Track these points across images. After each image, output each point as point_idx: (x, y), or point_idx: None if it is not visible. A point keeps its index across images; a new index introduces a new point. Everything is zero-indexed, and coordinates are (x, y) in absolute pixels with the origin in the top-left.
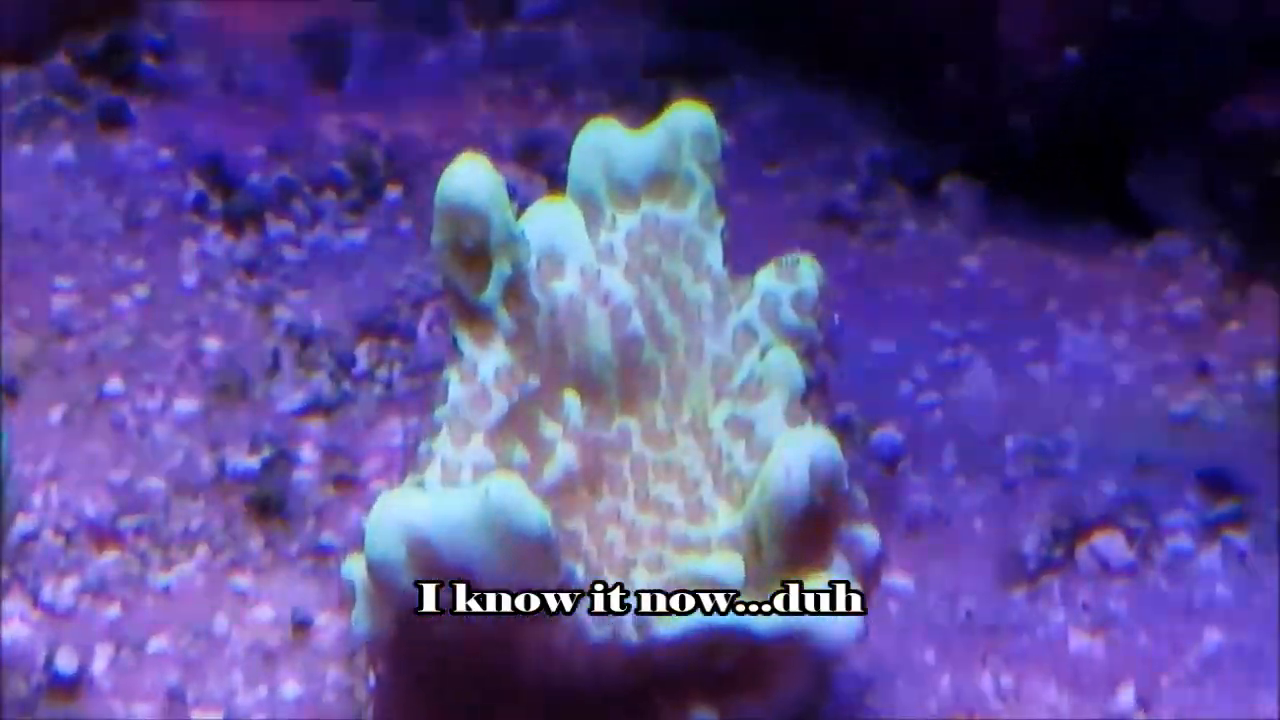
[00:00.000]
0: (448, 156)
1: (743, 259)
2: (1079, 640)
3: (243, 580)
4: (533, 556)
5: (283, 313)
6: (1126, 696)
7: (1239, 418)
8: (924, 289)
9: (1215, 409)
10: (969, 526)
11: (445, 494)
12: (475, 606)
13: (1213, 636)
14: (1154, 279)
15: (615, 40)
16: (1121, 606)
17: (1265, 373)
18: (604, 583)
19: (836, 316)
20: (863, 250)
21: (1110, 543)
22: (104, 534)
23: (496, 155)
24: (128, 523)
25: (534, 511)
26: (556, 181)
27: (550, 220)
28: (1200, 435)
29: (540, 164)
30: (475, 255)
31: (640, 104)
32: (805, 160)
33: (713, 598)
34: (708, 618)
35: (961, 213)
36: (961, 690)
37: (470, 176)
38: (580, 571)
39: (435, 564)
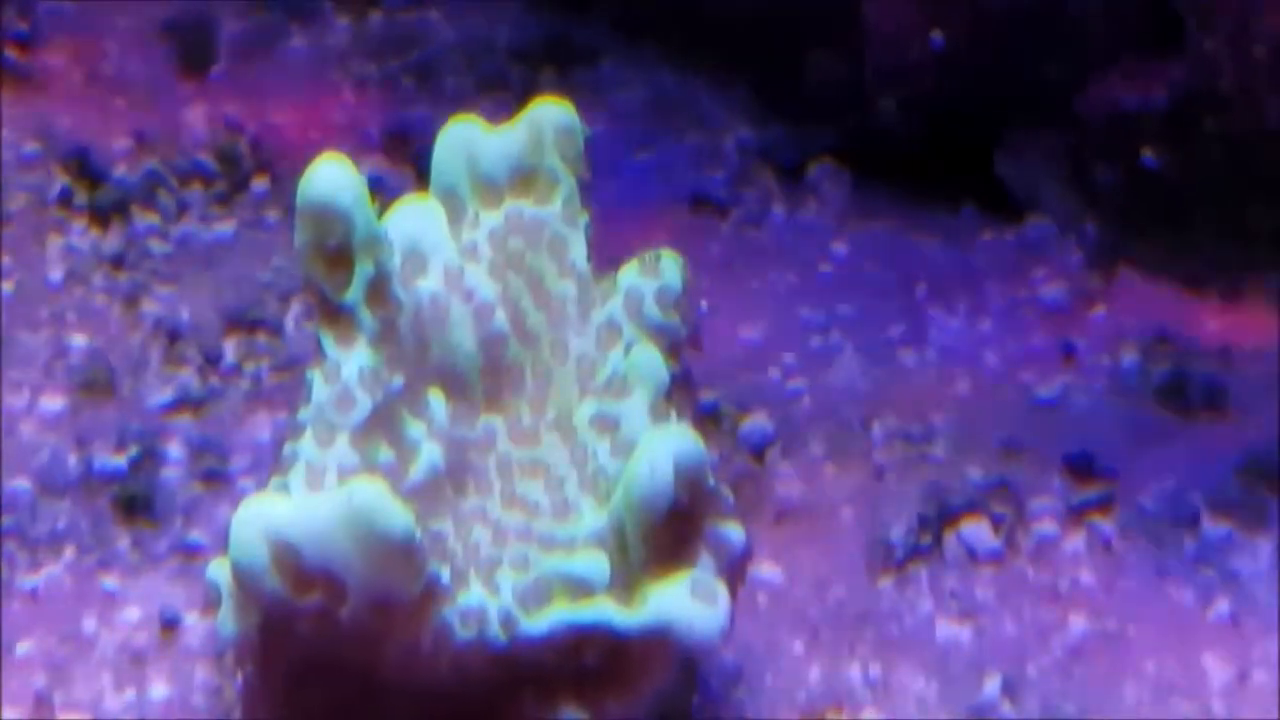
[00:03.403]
0: (314, 147)
1: (612, 246)
2: (946, 628)
3: (111, 581)
4: (397, 559)
5: (150, 307)
6: (993, 684)
7: (1104, 402)
8: (792, 275)
9: (1081, 393)
10: (837, 515)
11: (309, 497)
12: (340, 609)
13: (1078, 623)
14: (1020, 263)
15: (481, 26)
16: (988, 594)
17: (1130, 356)
18: (469, 583)
19: (704, 303)
20: (731, 235)
21: (977, 530)
22: None
23: (363, 144)
24: None
25: (398, 515)
26: (424, 170)
27: (413, 218)
28: (1066, 420)
29: (407, 152)
30: (338, 255)
31: (508, 90)
32: (673, 145)
33: (578, 596)
34: (573, 616)
35: (830, 198)
36: (830, 681)
37: (332, 176)
38: (445, 573)
39: (299, 568)
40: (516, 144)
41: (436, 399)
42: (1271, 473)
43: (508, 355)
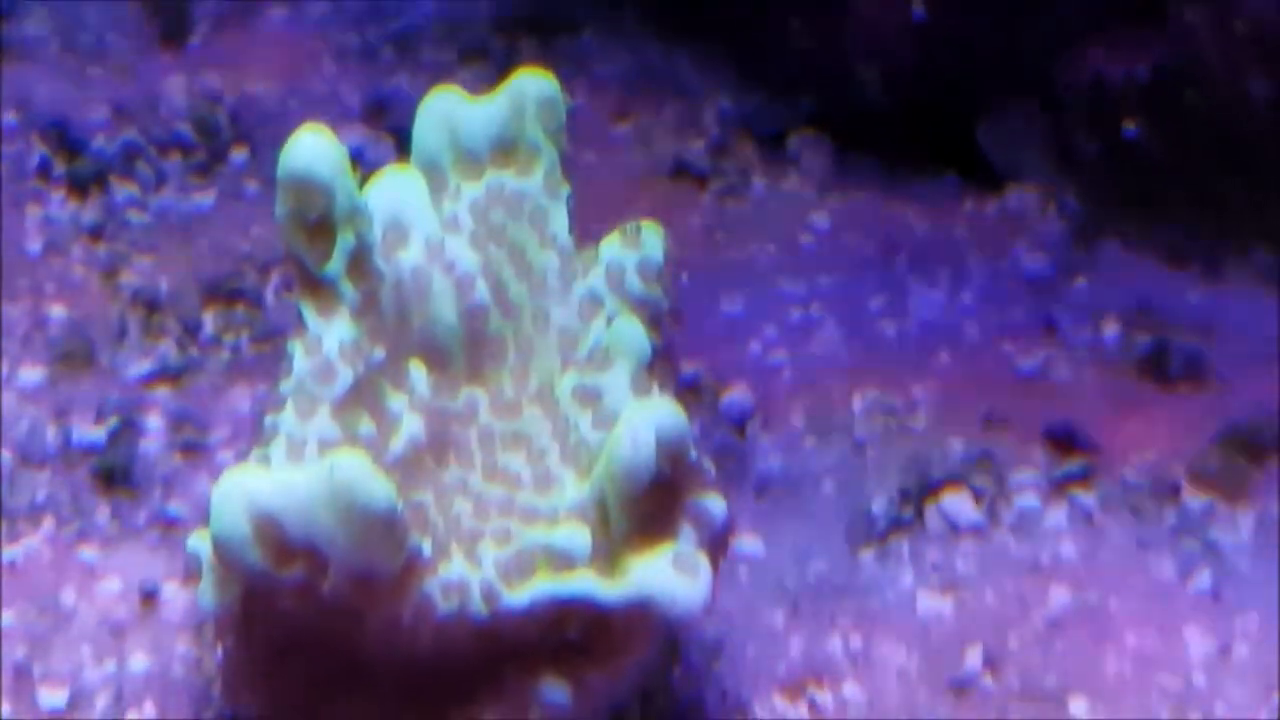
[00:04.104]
0: (294, 117)
1: (592, 216)
2: (927, 601)
3: (90, 552)
4: (379, 532)
5: (129, 278)
6: (974, 657)
7: (1086, 373)
8: (773, 246)
9: (1062, 365)
10: (818, 487)
11: (290, 470)
12: (321, 582)
13: (1060, 595)
14: (1002, 234)
15: None
16: (969, 566)
17: (1111, 328)
18: (451, 555)
19: (684, 275)
20: (712, 206)
21: (958, 502)
22: None
23: (343, 114)
24: None
25: (379, 487)
26: (403, 141)
27: (394, 190)
28: (1047, 391)
29: (387, 123)
30: (319, 226)
31: (488, 61)
32: (654, 115)
33: (560, 569)
34: (555, 589)
35: (810, 168)
36: (811, 653)
37: (313, 148)
38: (427, 545)
39: (281, 540)
40: (498, 115)
41: (418, 371)
42: (1252, 444)
43: (489, 327)
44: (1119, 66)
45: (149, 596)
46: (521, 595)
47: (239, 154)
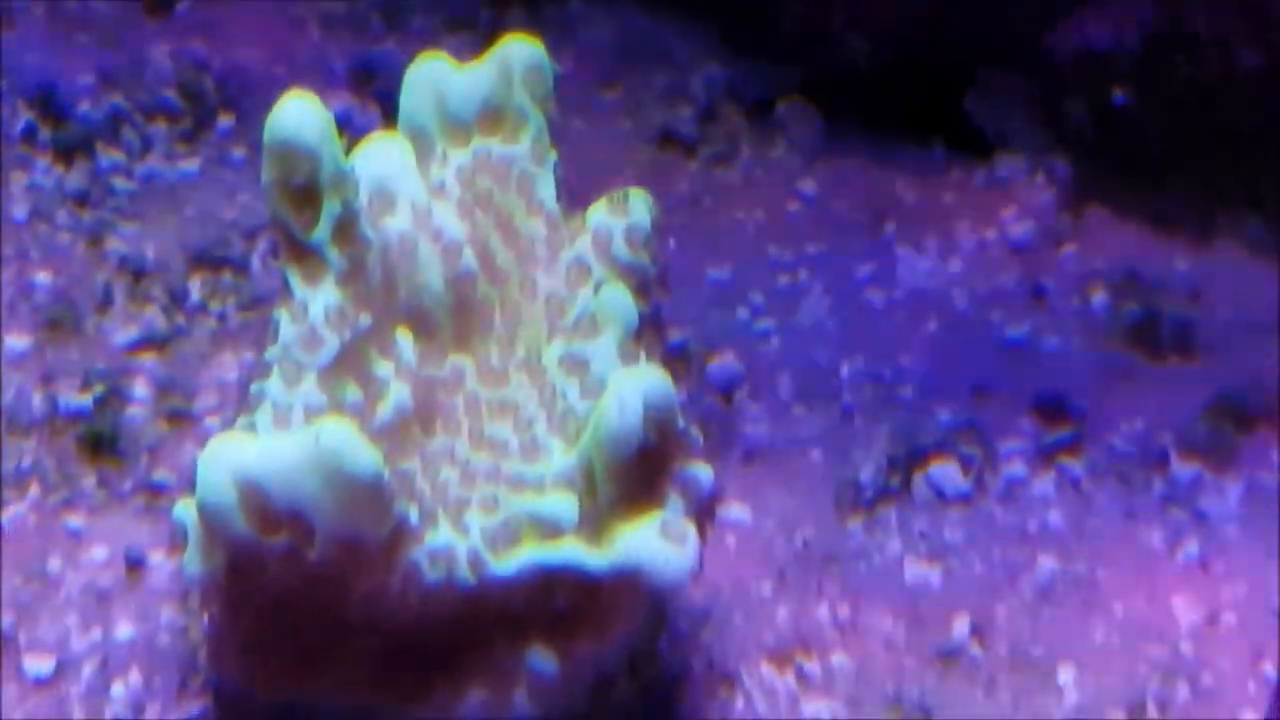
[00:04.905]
0: (280, 84)
1: (580, 183)
2: (915, 569)
3: (75, 520)
4: (365, 500)
5: (114, 245)
6: (961, 626)
7: (1074, 342)
8: (760, 213)
9: (1050, 334)
10: (806, 456)
11: (276, 437)
12: (307, 550)
13: (1047, 564)
14: (990, 202)
15: None
16: (957, 535)
17: (1100, 296)
18: (438, 523)
19: (672, 243)
20: (699, 174)
21: (946, 471)
22: None
23: (329, 81)
24: None
25: (366, 455)
26: (390, 108)
27: (381, 156)
28: (1035, 360)
29: (373, 89)
30: (305, 193)
31: (475, 28)
32: (642, 83)
33: (547, 537)
34: (542, 557)
35: (798, 136)
36: (798, 621)
37: (299, 114)
38: (414, 513)
39: (267, 508)
40: (485, 82)
41: (404, 338)
42: (1240, 413)
43: (476, 294)
44: (1109, 34)
45: (135, 564)
46: (508, 563)
47: (225, 120)
